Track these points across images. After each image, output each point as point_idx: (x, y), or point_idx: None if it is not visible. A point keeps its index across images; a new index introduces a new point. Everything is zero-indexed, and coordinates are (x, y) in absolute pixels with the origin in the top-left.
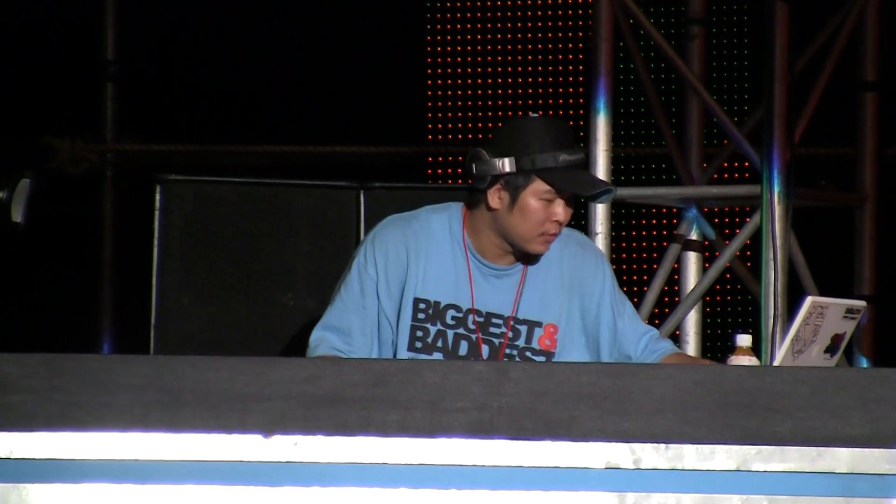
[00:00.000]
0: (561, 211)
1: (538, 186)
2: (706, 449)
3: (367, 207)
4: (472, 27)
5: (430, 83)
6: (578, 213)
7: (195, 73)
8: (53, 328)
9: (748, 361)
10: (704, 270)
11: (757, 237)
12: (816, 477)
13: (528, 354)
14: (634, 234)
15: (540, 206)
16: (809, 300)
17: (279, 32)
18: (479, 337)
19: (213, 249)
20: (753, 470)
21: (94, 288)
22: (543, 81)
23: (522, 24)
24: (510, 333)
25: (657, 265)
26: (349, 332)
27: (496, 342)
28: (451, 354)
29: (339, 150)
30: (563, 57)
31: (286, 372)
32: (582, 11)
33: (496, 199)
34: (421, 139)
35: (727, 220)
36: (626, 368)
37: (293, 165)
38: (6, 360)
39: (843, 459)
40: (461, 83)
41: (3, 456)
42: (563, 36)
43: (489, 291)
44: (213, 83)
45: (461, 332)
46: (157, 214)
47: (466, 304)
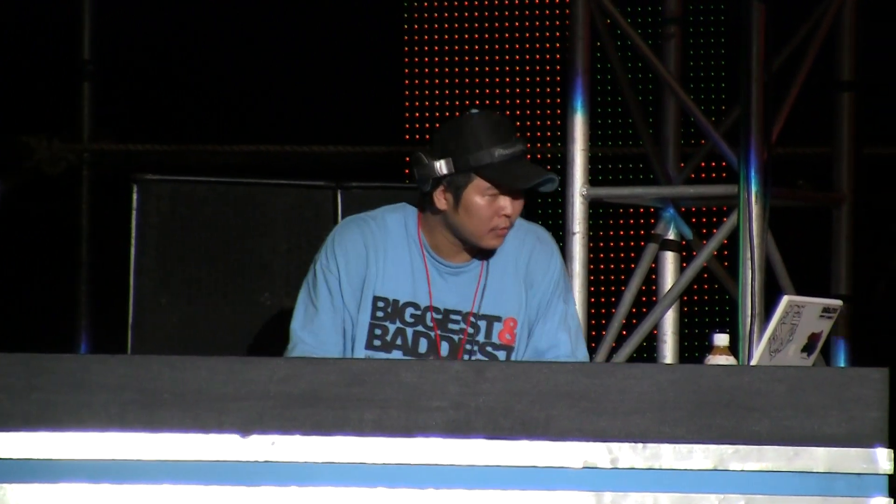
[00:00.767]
0: (507, 205)
1: (479, 184)
2: (684, 448)
3: (344, 207)
4: (449, 27)
5: (407, 83)
6: (556, 212)
7: (172, 72)
8: (30, 328)
9: (725, 361)
10: (682, 270)
11: (734, 237)
12: (794, 476)
13: (488, 349)
14: (612, 233)
15: (485, 202)
16: (786, 299)
17: (257, 32)
18: (437, 334)
19: (190, 249)
20: (731, 469)
21: (71, 288)
22: (521, 81)
23: (500, 23)
24: (470, 329)
25: (634, 265)
26: (322, 332)
27: (455, 339)
28: (410, 352)
29: (316, 149)
30: (540, 56)
31: (263, 371)
32: (559, 11)
33: (441, 200)
34: (398, 139)
35: (704, 219)
36: (603, 368)
37: (270, 165)
38: None
39: (820, 459)
40: (438, 83)
41: None
42: (540, 35)
43: (447, 289)
44: (190, 83)
45: (420, 329)
46: (133, 214)
47: (424, 301)
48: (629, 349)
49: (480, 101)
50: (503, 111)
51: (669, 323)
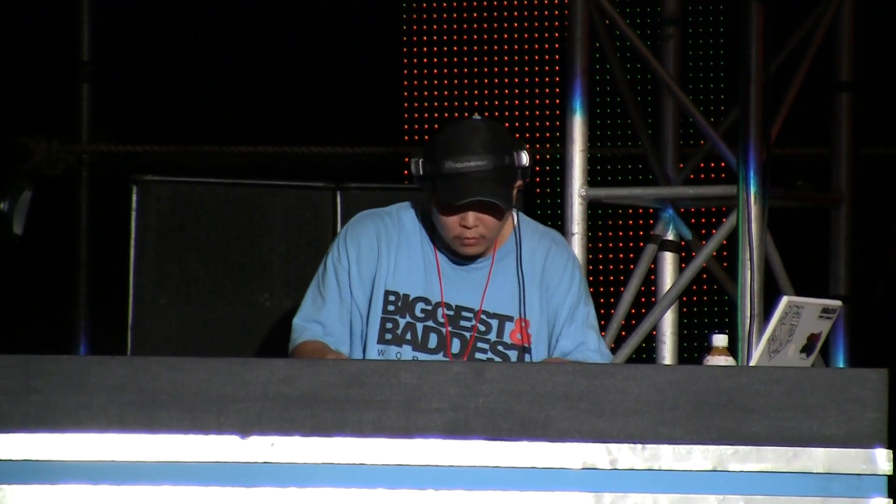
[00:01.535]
0: (469, 217)
1: (437, 194)
2: (683, 449)
3: (343, 208)
4: (448, 27)
5: (406, 84)
6: (555, 213)
7: (171, 74)
8: (30, 329)
9: (724, 361)
10: (681, 271)
11: (733, 237)
12: (793, 477)
13: (500, 349)
14: (611, 234)
15: (443, 211)
16: (785, 300)
17: (255, 34)
18: (448, 331)
19: (189, 250)
20: (730, 470)
21: (70, 289)
22: (519, 82)
23: (498, 24)
24: (481, 327)
25: (633, 265)
26: (328, 323)
27: (466, 335)
28: (420, 347)
29: (315, 150)
30: (539, 57)
31: (263, 373)
32: (558, 12)
33: (428, 199)
34: (397, 140)
35: (703, 220)
36: (601, 369)
37: (269, 166)
38: None
39: (819, 459)
40: (437, 84)
41: None
42: (538, 36)
43: (458, 285)
44: (189, 84)
45: (430, 324)
46: (133, 215)
47: (436, 297)
48: (628, 350)
49: (479, 102)
50: (502, 112)
51: (668, 324)
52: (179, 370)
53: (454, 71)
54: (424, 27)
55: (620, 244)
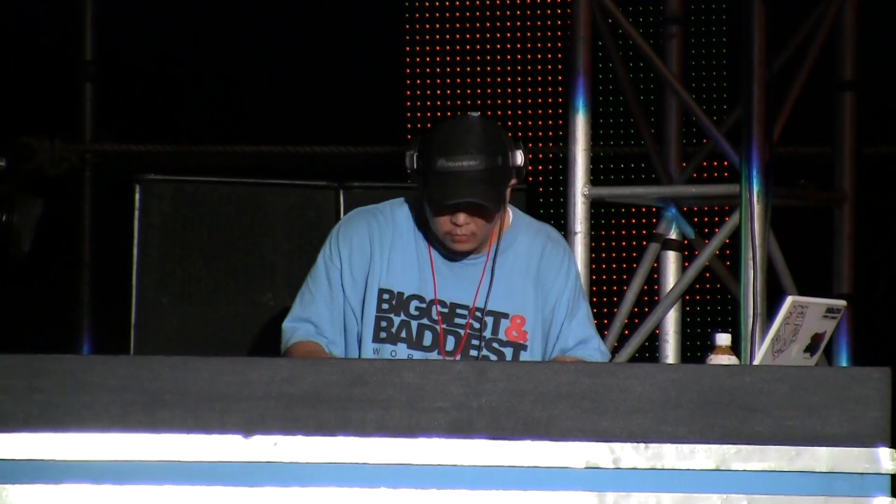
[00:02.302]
0: (459, 216)
1: (428, 191)
2: (686, 448)
3: (345, 207)
4: (450, 27)
5: (408, 83)
6: (558, 212)
7: (174, 73)
8: (33, 329)
9: (728, 361)
10: (684, 270)
11: (736, 236)
12: (795, 476)
13: (495, 346)
14: (614, 233)
15: (434, 208)
16: (789, 300)
17: (258, 33)
18: (441, 328)
19: (192, 249)
20: (733, 469)
21: (73, 288)
22: (522, 81)
23: (501, 23)
24: (475, 324)
25: (636, 264)
26: (318, 322)
27: (460, 332)
28: (414, 345)
29: (317, 149)
30: (541, 56)
31: (266, 372)
32: (560, 11)
33: (419, 192)
34: (400, 139)
35: (706, 219)
36: (604, 368)
37: (272, 165)
38: None
39: (822, 458)
40: (440, 83)
41: None
42: (541, 35)
43: (453, 282)
44: (192, 83)
45: (425, 322)
46: (136, 214)
47: (430, 294)
48: (631, 349)
49: (482, 101)
50: (504, 111)
51: (671, 323)
52: (182, 369)
53: (456, 70)
54: (427, 26)
55: (623, 243)
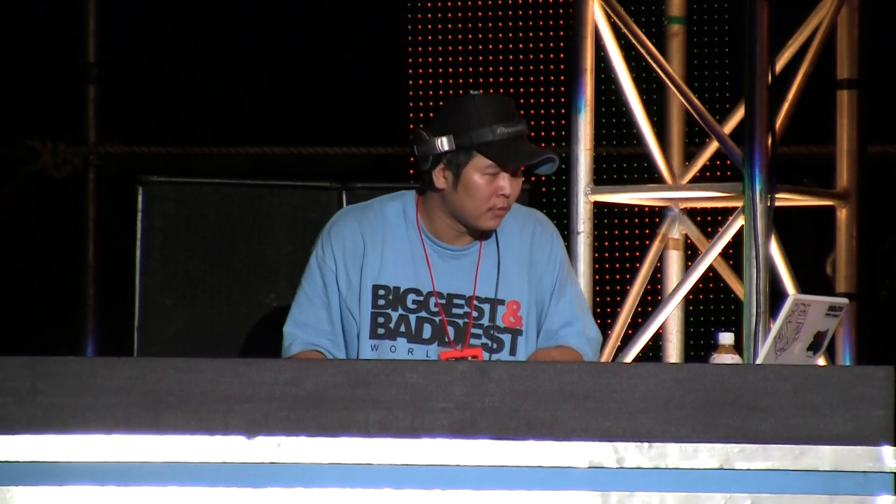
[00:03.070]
0: (506, 184)
1: (479, 162)
2: (689, 447)
3: None
4: (452, 27)
5: (411, 83)
6: (561, 212)
7: (177, 75)
8: (37, 331)
9: (731, 359)
10: (687, 269)
11: (739, 236)
12: (799, 475)
13: (493, 333)
14: (617, 233)
15: (484, 181)
16: (792, 298)
17: (261, 35)
18: (443, 319)
19: (195, 250)
20: (736, 468)
21: (77, 290)
22: (525, 81)
23: (503, 23)
24: (474, 313)
25: (639, 264)
26: (318, 325)
27: (461, 322)
28: (414, 338)
29: (320, 150)
30: (543, 56)
31: (269, 373)
32: (563, 11)
33: (441, 178)
34: (402, 140)
35: (709, 218)
36: (608, 368)
37: (275, 167)
38: None
39: (825, 457)
40: (442, 83)
41: None
42: (543, 35)
43: (448, 273)
44: (195, 85)
45: (423, 315)
46: (139, 216)
47: (426, 287)
48: (635, 349)
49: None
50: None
51: (675, 322)
52: (186, 371)
53: (459, 70)
54: (429, 27)
55: (626, 243)
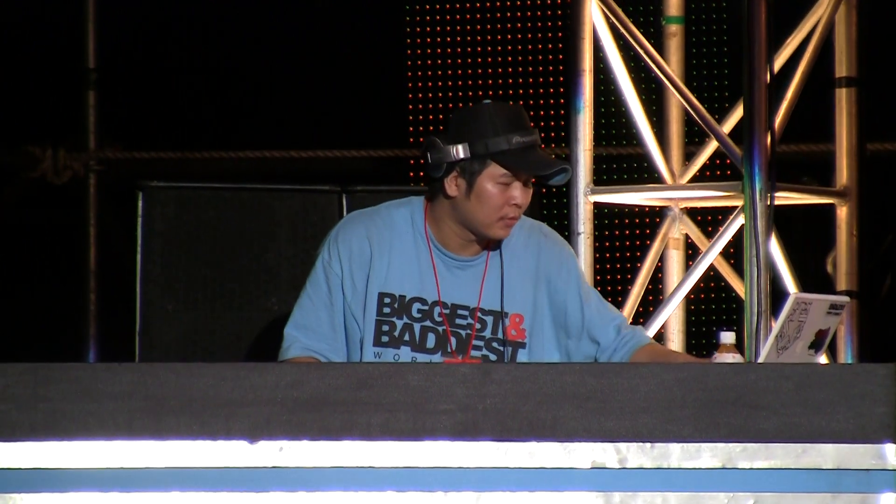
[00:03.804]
0: (518, 194)
1: (493, 170)
2: (691, 447)
3: (349, 211)
4: (451, 30)
5: (410, 86)
6: (561, 213)
7: (177, 80)
8: (38, 337)
9: (732, 358)
10: (687, 269)
11: (739, 235)
12: (802, 473)
13: (494, 345)
14: (617, 233)
15: (497, 190)
16: (793, 296)
17: (259, 39)
18: (447, 329)
19: (196, 255)
20: (739, 467)
21: (78, 296)
22: (524, 82)
23: (501, 25)
24: (477, 325)
25: (640, 264)
26: (319, 329)
27: (464, 334)
28: (418, 348)
29: (320, 154)
30: (542, 57)
31: (270, 377)
32: (561, 12)
33: (453, 186)
34: (402, 142)
35: (709, 217)
36: (609, 368)
37: (275, 170)
38: None
39: (828, 455)
40: (442, 85)
41: None
42: (542, 37)
43: (454, 283)
44: (194, 90)
45: (428, 324)
46: (139, 221)
47: (432, 296)
48: None
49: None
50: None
51: (676, 321)
52: (187, 376)
53: (458, 73)
54: (428, 29)
55: (627, 243)
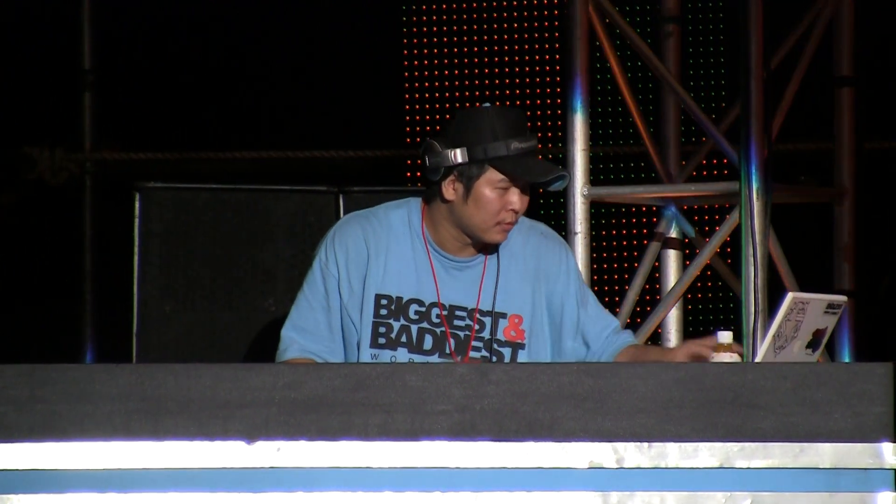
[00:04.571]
0: (516, 199)
1: (491, 176)
2: (689, 447)
3: (346, 211)
4: (448, 30)
5: (407, 86)
6: (558, 212)
7: (173, 81)
8: (35, 338)
9: (730, 358)
10: (685, 268)
11: (736, 234)
12: (799, 473)
13: (494, 346)
14: (614, 233)
15: (495, 195)
16: (790, 296)
17: (256, 39)
18: (446, 330)
19: (193, 256)
20: (736, 467)
21: (75, 297)
22: (520, 82)
23: (498, 25)
24: (476, 326)
25: (637, 264)
26: (316, 331)
27: (462, 335)
28: (415, 349)
29: (317, 154)
30: (539, 57)
31: (268, 378)
32: (557, 12)
33: (451, 190)
34: (399, 142)
35: (706, 217)
36: (606, 368)
37: (272, 171)
38: None
39: (825, 454)
40: (438, 86)
41: None
42: (538, 37)
43: (452, 284)
44: (191, 91)
45: (425, 326)
46: (136, 222)
47: (430, 297)
48: None
49: (480, 103)
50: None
51: (673, 321)
52: (185, 377)
53: (455, 73)
54: (424, 30)
55: (624, 242)
